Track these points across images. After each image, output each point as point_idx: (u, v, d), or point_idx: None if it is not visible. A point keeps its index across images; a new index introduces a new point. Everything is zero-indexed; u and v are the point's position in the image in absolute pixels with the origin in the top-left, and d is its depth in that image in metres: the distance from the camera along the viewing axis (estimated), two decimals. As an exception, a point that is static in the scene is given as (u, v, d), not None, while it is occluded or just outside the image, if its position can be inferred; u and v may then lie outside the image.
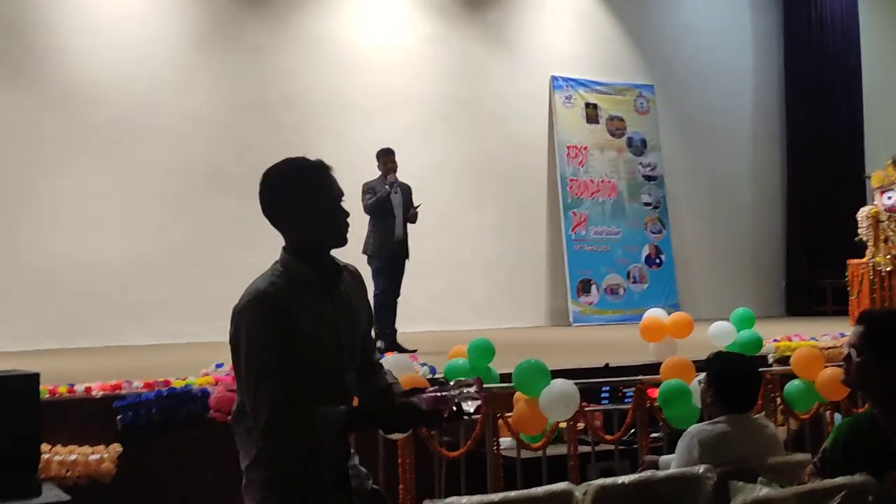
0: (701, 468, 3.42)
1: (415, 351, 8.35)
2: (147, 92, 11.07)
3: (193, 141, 11.23)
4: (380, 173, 8.93)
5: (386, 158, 8.94)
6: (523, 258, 13.21)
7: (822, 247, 14.71)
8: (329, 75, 12.14)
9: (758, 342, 7.30)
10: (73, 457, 5.26)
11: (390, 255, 8.84)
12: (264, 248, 12.03)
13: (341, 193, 2.82)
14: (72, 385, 5.79)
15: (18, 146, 10.48)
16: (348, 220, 2.82)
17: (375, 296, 8.87)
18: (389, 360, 5.21)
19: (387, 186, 8.82)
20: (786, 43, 15.63)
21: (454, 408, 2.64)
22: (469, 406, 2.63)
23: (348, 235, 2.82)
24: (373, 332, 3.00)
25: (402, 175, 9.11)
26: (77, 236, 10.55)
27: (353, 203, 8.91)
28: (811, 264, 14.90)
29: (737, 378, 3.94)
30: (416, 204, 8.93)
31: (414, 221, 8.94)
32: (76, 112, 10.73)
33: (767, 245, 15.44)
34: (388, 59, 12.53)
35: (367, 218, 8.85)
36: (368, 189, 8.86)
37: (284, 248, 2.80)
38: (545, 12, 13.80)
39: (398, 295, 8.97)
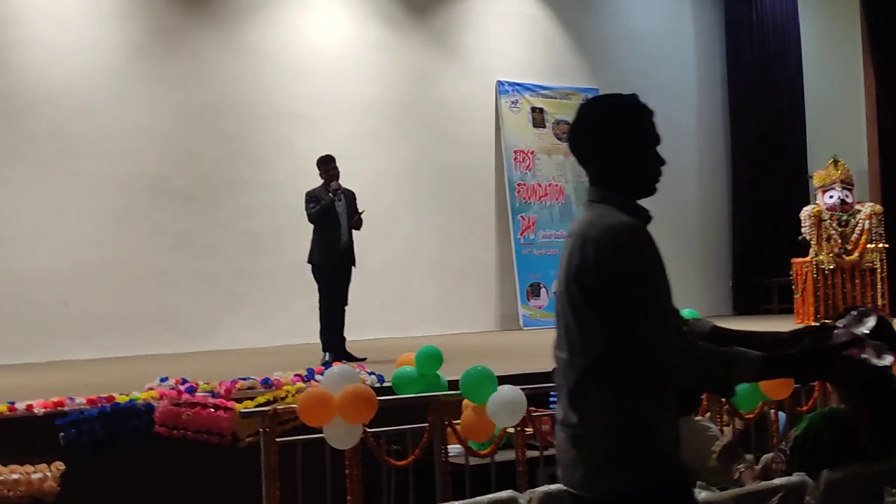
0: (645, 472, 3.43)
1: (364, 360, 8.32)
2: (88, 101, 10.88)
3: (136, 150, 11.06)
4: (322, 181, 8.89)
5: (327, 166, 8.86)
6: (472, 263, 13.21)
7: (767, 246, 14.87)
8: (273, 83, 12.03)
9: (704, 342, 7.33)
10: (15, 476, 5.18)
11: (336, 263, 8.79)
12: (207, 258, 11.83)
13: None
14: (13, 403, 5.70)
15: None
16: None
17: (321, 305, 8.82)
18: (335, 371, 5.17)
19: (330, 194, 8.76)
20: (727, 45, 15.78)
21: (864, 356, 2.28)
22: (882, 360, 2.24)
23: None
24: None
25: (350, 182, 9.07)
26: (17, 249, 10.34)
27: (299, 212, 8.88)
28: (757, 263, 15.05)
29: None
30: (360, 210, 8.89)
31: (359, 228, 8.89)
32: (15, 123, 10.54)
33: (714, 244, 15.58)
34: (333, 65, 12.46)
35: (311, 227, 8.84)
36: (311, 198, 8.81)
37: (605, 188, 2.52)
38: (490, 18, 13.81)
39: (346, 303, 8.92)
